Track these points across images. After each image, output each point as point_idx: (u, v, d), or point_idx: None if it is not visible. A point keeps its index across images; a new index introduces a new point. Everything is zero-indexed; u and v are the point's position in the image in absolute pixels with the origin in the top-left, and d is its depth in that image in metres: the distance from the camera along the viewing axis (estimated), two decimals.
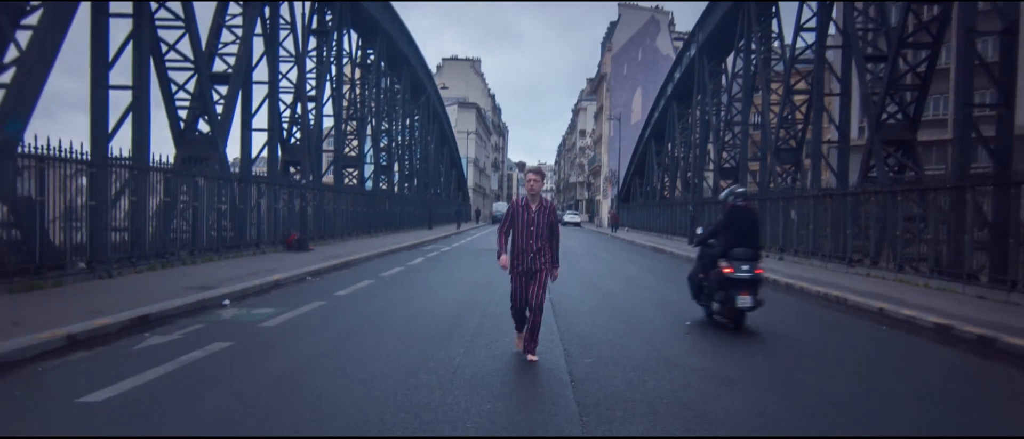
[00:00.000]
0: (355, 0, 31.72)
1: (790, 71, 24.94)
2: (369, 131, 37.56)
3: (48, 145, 11.26)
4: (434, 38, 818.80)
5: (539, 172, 7.33)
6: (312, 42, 28.14)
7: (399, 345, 8.06)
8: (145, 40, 15.16)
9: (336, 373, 6.65)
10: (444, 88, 60.21)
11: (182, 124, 18.26)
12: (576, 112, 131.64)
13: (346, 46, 32.25)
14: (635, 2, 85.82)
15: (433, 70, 67.17)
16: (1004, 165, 14.30)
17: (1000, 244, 13.25)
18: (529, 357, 7.29)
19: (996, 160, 14.52)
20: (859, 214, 18.45)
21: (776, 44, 28.35)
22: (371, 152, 38.26)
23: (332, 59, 29.79)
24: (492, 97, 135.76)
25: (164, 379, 6.32)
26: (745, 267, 9.39)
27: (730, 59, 34.29)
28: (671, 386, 6.39)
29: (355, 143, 35.19)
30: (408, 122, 47.52)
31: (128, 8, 15.21)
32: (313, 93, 27.55)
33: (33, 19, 12.02)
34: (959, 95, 15.06)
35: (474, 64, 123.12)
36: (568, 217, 77.14)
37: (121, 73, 35.60)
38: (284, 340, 8.33)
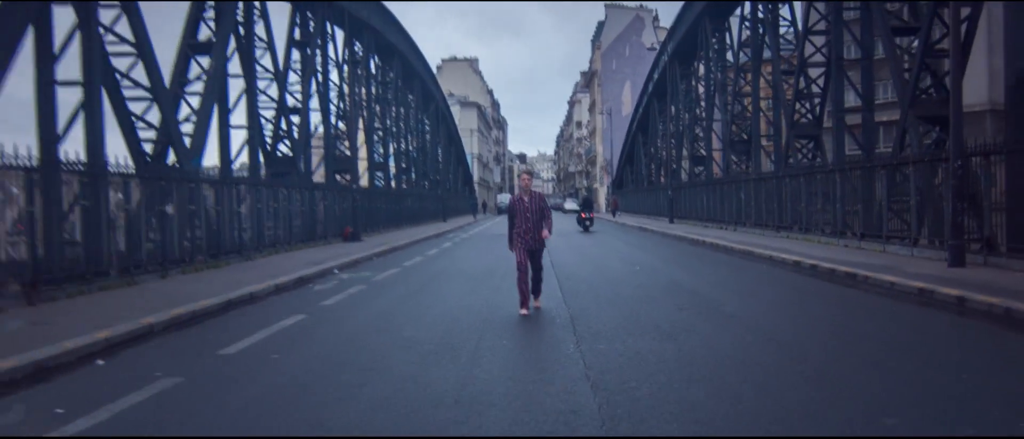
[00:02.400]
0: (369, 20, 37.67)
1: (738, 80, 30.91)
2: (391, 139, 43.51)
3: (220, 173, 17.25)
4: (434, 29, 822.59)
5: (530, 172, 12.28)
6: (346, 70, 34.05)
7: (461, 283, 14.02)
8: (254, 92, 21.16)
9: (433, 294, 12.61)
10: (450, 95, 65.97)
11: (268, 147, 24.22)
12: (572, 104, 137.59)
13: (371, 69, 38.22)
14: (621, 2, 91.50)
15: (434, 71, 73.00)
16: (868, 152, 20.24)
17: (868, 209, 19.17)
18: (535, 304, 10.17)
19: (863, 148, 20.47)
20: (782, 192, 24.37)
21: (728, 55, 34.25)
22: (392, 157, 44.21)
23: (361, 84, 35.75)
24: (490, 93, 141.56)
25: (349, 298, 12.28)
26: (587, 214, 34.77)
27: (698, 63, 40.21)
28: (610, 293, 12.32)
29: (381, 150, 41.17)
30: (421, 128, 53.45)
31: (238, 68, 21.22)
32: (348, 113, 33.50)
33: (198, 87, 18.03)
34: (834, 104, 21.03)
35: (472, 63, 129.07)
36: (568, 205, 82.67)
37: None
38: (393, 284, 14.31)
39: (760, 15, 28.37)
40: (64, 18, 13.66)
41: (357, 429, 5.01)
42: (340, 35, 33.23)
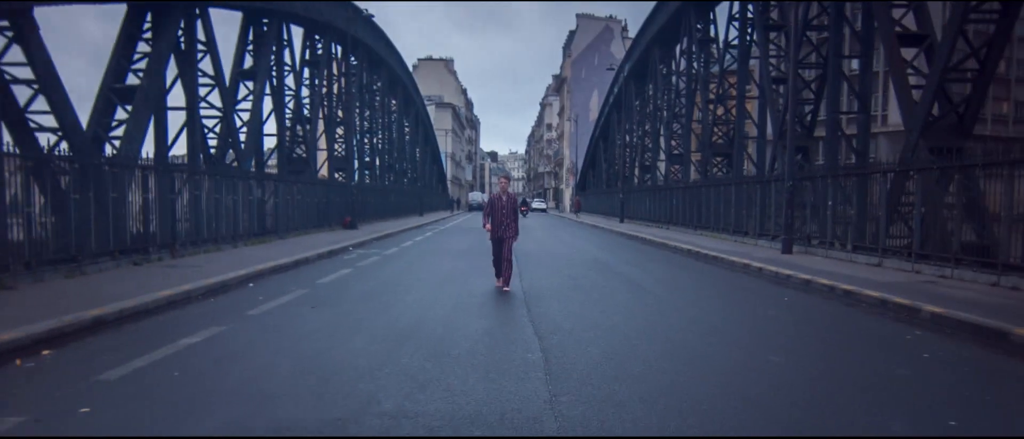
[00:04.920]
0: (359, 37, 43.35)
1: (678, 103, 37.10)
2: (377, 140, 49.20)
3: (257, 171, 22.92)
4: (418, 17, 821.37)
5: (508, 177, 17.96)
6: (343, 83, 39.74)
7: (449, 258, 19.82)
8: (282, 107, 26.86)
9: (431, 261, 18.42)
10: (428, 99, 71.61)
11: (287, 149, 29.87)
12: (543, 106, 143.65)
13: (363, 80, 43.93)
14: (591, 14, 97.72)
15: (411, 68, 78.63)
16: (760, 170, 26.40)
17: (750, 213, 25.25)
18: (505, 289, 12.36)
19: (756, 166, 26.64)
20: (700, 199, 30.50)
21: (674, 79, 40.44)
22: (378, 156, 49.91)
23: (355, 93, 41.47)
24: (465, 92, 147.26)
25: (373, 263, 18.04)
26: (524, 209, 47.75)
27: (649, 85, 46.39)
28: (549, 263, 18.20)
29: (368, 151, 46.87)
30: (401, 129, 59.15)
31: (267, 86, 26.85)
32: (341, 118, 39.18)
33: (245, 105, 23.66)
34: (738, 130, 27.20)
35: (448, 64, 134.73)
36: (536, 204, 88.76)
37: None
38: (399, 257, 20.10)
39: (694, 50, 34.56)
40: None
41: (412, 306, 10.80)
42: (339, 51, 38.88)
